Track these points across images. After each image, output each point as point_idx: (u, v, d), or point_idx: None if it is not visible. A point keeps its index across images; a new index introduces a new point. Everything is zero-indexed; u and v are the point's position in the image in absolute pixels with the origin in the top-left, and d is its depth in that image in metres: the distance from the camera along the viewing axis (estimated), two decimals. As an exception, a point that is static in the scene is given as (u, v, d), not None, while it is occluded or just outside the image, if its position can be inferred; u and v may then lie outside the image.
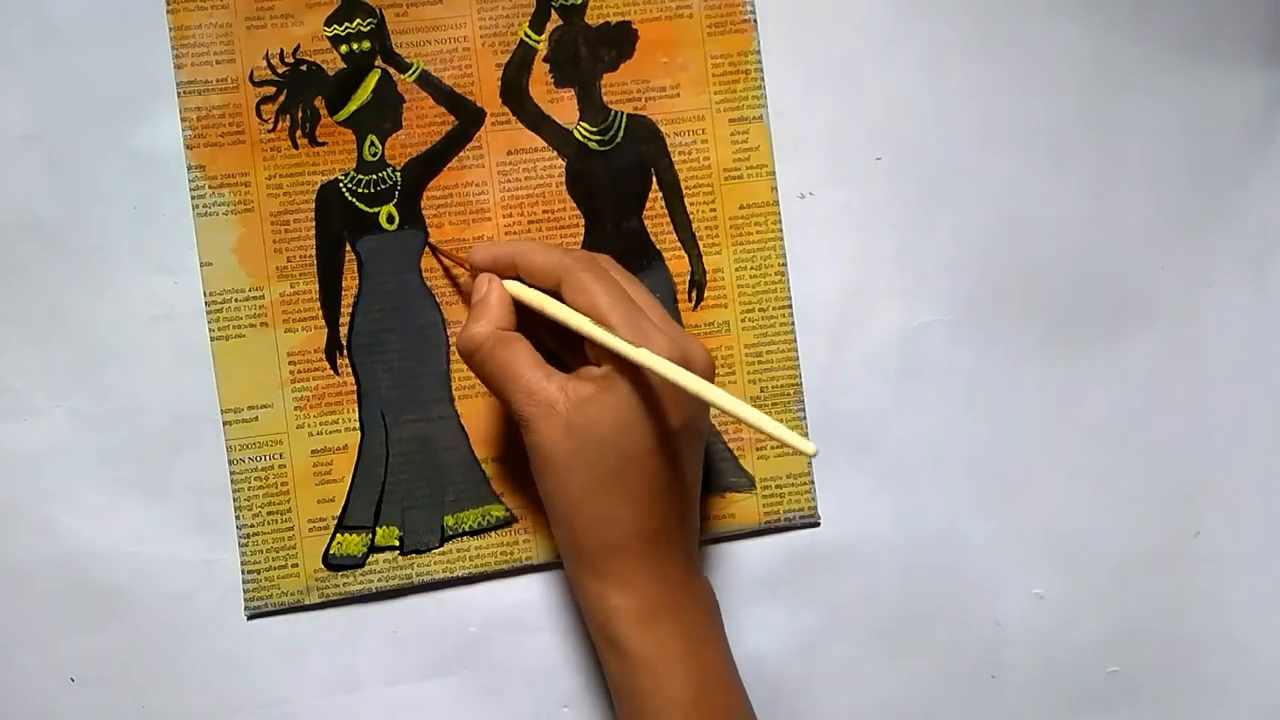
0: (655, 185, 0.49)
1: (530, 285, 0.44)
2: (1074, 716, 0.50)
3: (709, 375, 0.41)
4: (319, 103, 0.48)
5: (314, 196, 0.48)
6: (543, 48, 0.49)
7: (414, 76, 0.48)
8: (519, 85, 0.49)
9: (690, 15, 0.49)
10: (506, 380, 0.42)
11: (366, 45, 0.48)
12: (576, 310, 0.41)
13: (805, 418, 0.49)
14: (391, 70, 0.48)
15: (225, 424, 0.47)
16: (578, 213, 0.49)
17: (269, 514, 0.47)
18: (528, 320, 0.44)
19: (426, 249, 0.48)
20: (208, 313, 0.47)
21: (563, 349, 0.46)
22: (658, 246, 0.49)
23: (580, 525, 0.42)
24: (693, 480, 0.44)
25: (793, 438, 0.37)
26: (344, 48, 0.48)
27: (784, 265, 0.50)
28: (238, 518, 0.47)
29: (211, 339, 0.47)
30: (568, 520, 0.42)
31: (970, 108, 0.50)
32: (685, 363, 0.40)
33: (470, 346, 0.43)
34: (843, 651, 0.49)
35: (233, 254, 0.48)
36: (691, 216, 0.49)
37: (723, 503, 0.49)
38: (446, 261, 0.48)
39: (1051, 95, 0.51)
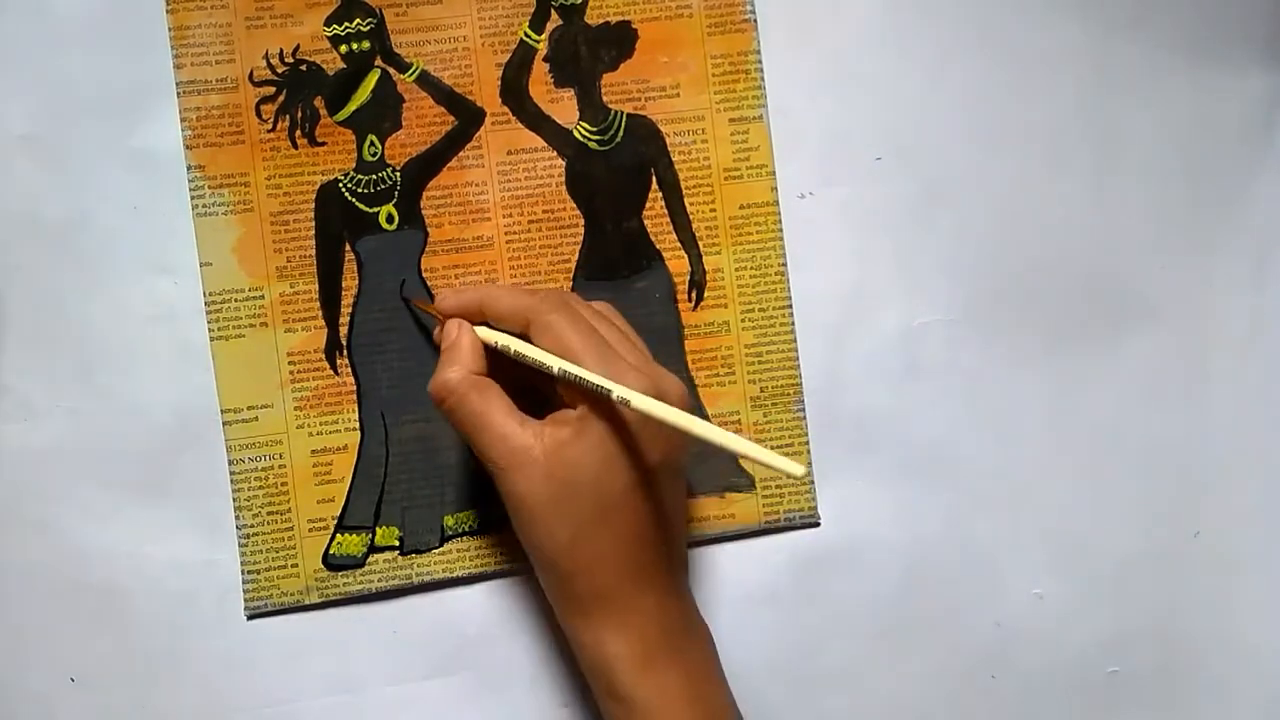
0: (655, 185, 0.49)
1: (500, 330, 0.43)
2: (1074, 716, 0.50)
3: (684, 408, 0.40)
4: (319, 103, 0.48)
5: (314, 196, 0.48)
6: (543, 47, 0.49)
7: (414, 76, 0.48)
8: (519, 85, 0.49)
9: (690, 15, 0.49)
10: (480, 427, 0.42)
11: (366, 45, 0.48)
12: (547, 352, 0.41)
13: (805, 418, 0.49)
14: (391, 70, 0.48)
15: (225, 424, 0.47)
16: (577, 212, 0.49)
17: (269, 514, 0.47)
18: (497, 369, 0.43)
19: (425, 249, 0.48)
20: (207, 313, 0.47)
21: (532, 399, 0.45)
22: (658, 246, 0.49)
23: (568, 571, 0.41)
24: (676, 515, 0.43)
25: (779, 460, 0.36)
26: (344, 48, 0.48)
27: (784, 265, 0.50)
28: (238, 518, 0.47)
29: (211, 339, 0.47)
30: (554, 567, 0.42)
31: (970, 108, 0.50)
32: (660, 397, 0.40)
33: (442, 393, 0.42)
34: (843, 651, 0.49)
35: (232, 254, 0.48)
36: (691, 216, 0.49)
37: (723, 503, 0.49)
38: (419, 309, 0.48)
39: (1051, 95, 0.51)
